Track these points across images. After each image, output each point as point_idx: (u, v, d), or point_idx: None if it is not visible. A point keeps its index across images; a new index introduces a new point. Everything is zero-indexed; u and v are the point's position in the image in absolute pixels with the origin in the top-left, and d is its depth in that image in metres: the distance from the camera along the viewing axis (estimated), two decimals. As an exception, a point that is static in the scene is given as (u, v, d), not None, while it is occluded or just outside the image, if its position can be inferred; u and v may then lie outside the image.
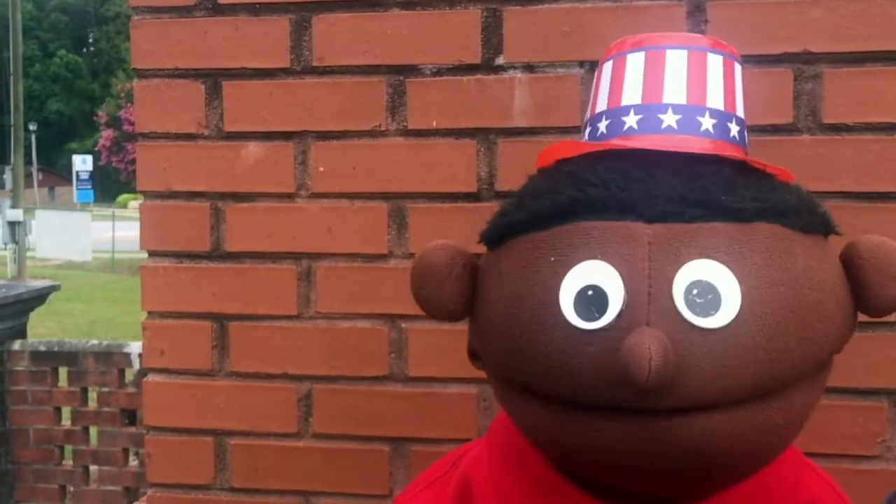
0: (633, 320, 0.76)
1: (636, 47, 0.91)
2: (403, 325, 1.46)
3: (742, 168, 0.86)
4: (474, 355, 0.97)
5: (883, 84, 1.32)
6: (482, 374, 1.43)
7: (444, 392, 1.46)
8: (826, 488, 0.97)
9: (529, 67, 1.41)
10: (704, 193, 0.81)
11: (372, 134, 1.46)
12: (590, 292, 0.78)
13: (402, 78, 1.44)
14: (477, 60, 1.42)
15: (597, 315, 0.77)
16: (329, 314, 1.49)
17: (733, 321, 0.76)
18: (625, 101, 0.90)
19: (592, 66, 1.38)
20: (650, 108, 0.88)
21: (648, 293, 0.77)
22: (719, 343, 0.75)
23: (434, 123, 1.44)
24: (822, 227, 0.89)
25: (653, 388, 0.72)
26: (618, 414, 0.77)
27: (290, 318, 1.50)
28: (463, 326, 1.44)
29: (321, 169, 1.47)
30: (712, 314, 0.76)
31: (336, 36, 1.45)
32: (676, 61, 0.89)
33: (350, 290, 1.48)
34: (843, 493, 0.98)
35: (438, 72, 1.43)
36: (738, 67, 0.93)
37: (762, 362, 0.77)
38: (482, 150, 1.42)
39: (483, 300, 0.90)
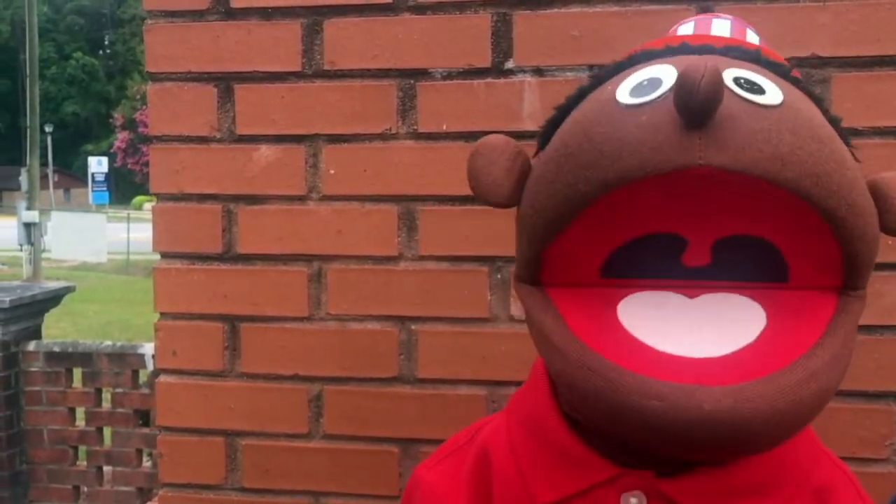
0: None
1: (687, 21, 1.03)
2: (413, 327, 1.48)
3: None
4: (518, 277, 0.95)
5: (891, 88, 1.33)
6: (491, 375, 1.46)
7: (452, 393, 1.47)
8: (841, 476, 0.96)
9: (539, 71, 1.42)
10: (751, 51, 0.90)
11: (382, 137, 1.47)
12: (645, 82, 0.82)
13: (412, 81, 1.45)
14: (487, 64, 1.43)
15: (650, 91, 0.81)
16: (339, 316, 1.50)
17: (777, 106, 0.79)
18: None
19: (601, 70, 1.40)
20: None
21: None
22: (763, 115, 0.77)
23: (444, 127, 1.45)
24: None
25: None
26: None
27: (300, 319, 1.51)
28: (471, 329, 1.46)
29: (332, 171, 1.49)
30: (759, 95, 0.79)
31: (347, 40, 1.47)
32: (721, 24, 1.01)
33: (360, 292, 1.49)
34: (858, 483, 0.98)
35: (449, 75, 1.44)
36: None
37: (801, 153, 0.76)
38: (492, 153, 1.43)
39: (537, 162, 0.91)
